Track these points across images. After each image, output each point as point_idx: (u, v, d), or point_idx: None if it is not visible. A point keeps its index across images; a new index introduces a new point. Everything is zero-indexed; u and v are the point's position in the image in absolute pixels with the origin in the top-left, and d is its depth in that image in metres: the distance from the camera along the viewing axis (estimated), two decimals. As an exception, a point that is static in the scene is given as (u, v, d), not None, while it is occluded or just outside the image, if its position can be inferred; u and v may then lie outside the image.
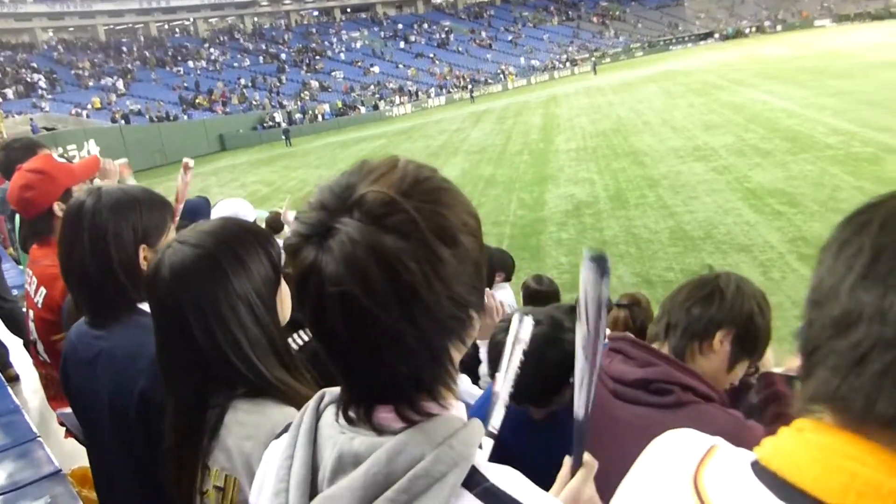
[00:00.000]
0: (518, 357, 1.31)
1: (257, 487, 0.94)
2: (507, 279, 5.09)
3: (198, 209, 4.50)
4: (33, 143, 3.46)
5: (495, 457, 1.14)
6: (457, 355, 0.82)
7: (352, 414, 0.81)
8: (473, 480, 0.76)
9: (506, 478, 0.79)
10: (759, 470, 0.68)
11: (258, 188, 23.17)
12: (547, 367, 1.77)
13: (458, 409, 0.83)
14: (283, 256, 1.45)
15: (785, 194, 12.17)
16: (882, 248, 0.61)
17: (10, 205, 2.57)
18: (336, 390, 0.87)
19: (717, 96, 26.90)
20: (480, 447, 0.82)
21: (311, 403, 0.90)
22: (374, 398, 0.80)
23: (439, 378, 0.80)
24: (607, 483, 1.34)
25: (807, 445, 0.64)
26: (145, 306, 1.72)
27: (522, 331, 1.23)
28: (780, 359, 3.32)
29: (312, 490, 0.81)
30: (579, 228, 12.33)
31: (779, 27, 70.54)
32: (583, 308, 1.01)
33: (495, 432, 1.27)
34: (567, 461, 1.14)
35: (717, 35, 71.08)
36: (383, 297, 0.71)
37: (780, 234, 10.22)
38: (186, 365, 1.32)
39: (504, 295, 4.84)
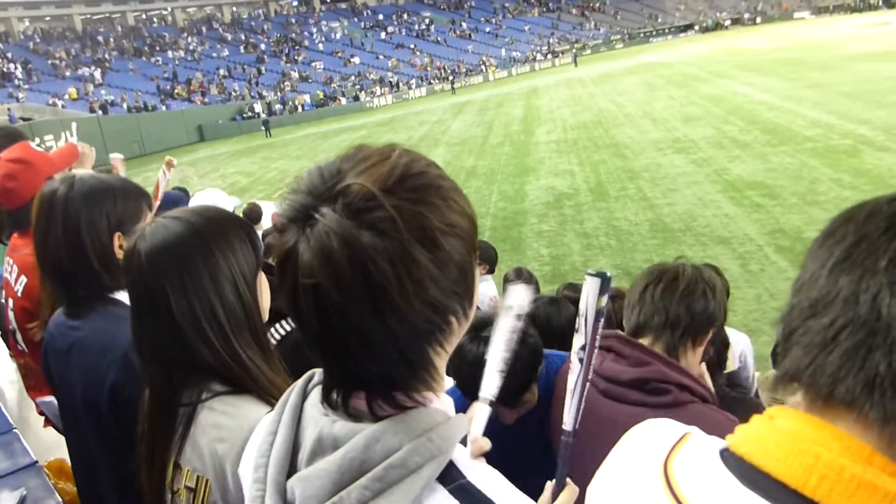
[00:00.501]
0: (510, 322, 1.28)
1: (245, 457, 0.95)
2: (491, 271, 5.07)
3: (178, 201, 4.45)
4: (14, 131, 3.42)
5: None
6: (438, 359, 0.80)
7: (334, 398, 0.81)
8: (449, 476, 0.76)
9: (483, 476, 0.79)
10: (728, 456, 0.69)
11: (238, 179, 22.95)
12: (520, 365, 1.74)
13: (442, 404, 0.82)
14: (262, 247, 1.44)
15: (764, 186, 12.26)
16: (864, 235, 0.63)
17: None
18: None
19: (697, 88, 27.06)
20: (464, 444, 0.83)
21: (300, 382, 0.90)
22: (346, 385, 0.79)
23: (412, 380, 0.78)
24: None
25: (775, 431, 0.65)
26: (121, 296, 1.73)
27: (514, 297, 1.20)
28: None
29: (291, 468, 0.82)
30: (560, 220, 12.34)
31: (758, 19, 71.15)
32: (582, 319, 1.06)
33: (492, 399, 1.24)
34: (549, 485, 1.13)
35: (696, 27, 71.52)
36: (353, 295, 0.70)
37: (759, 227, 10.29)
38: (162, 343, 1.29)
39: (486, 288, 4.83)
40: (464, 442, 0.83)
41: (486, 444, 1.12)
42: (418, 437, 0.75)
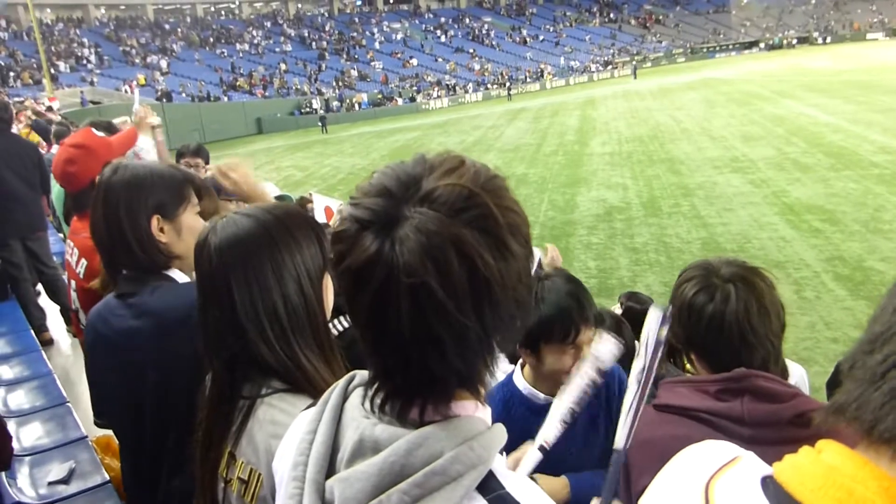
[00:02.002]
0: (587, 375, 1.31)
1: (281, 452, 0.96)
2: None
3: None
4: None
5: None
6: (496, 357, 0.82)
7: (379, 401, 0.81)
8: (489, 486, 0.77)
9: (522, 489, 0.79)
10: (770, 483, 0.68)
11: (292, 173, 23.37)
12: None
13: (484, 412, 0.83)
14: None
15: (824, 211, 11.90)
16: None
17: (56, 179, 2.64)
18: (366, 373, 0.88)
19: (758, 107, 26.41)
20: (502, 453, 0.83)
21: (342, 383, 0.91)
22: (409, 393, 0.79)
23: (483, 377, 0.80)
24: None
25: (817, 462, 0.65)
26: (171, 273, 1.78)
27: (602, 350, 1.24)
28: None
29: (330, 469, 0.83)
30: (609, 233, 12.20)
31: (828, 38, 68.98)
32: (643, 347, 1.12)
33: (547, 447, 1.26)
34: (595, 501, 1.15)
35: (762, 44, 69.76)
36: (459, 291, 0.71)
37: (817, 252, 9.98)
38: (224, 337, 1.32)
39: None
40: (502, 451, 0.83)
41: None
42: (460, 445, 0.75)
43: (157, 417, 1.69)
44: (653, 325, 1.11)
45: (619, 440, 1.13)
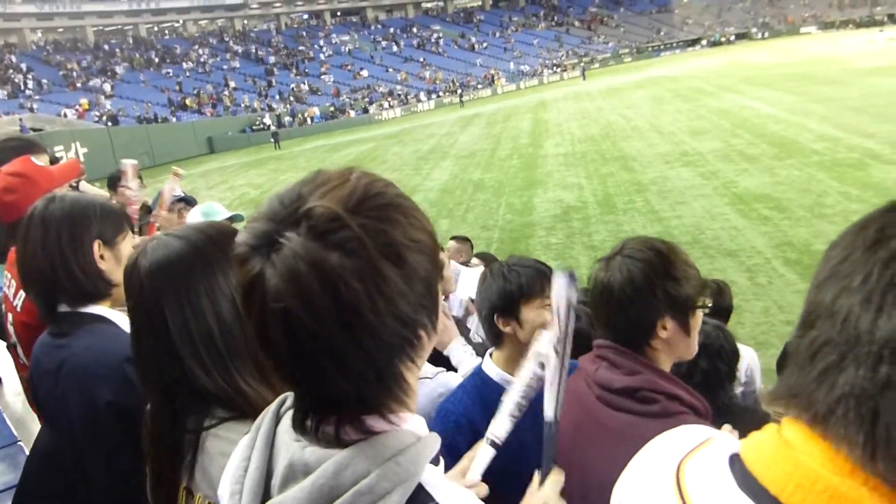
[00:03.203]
0: (531, 370, 1.30)
1: (222, 482, 0.94)
2: (466, 263, 5.07)
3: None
4: (24, 144, 3.38)
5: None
6: (409, 375, 0.81)
7: (305, 423, 0.81)
8: (418, 499, 0.77)
9: (453, 497, 0.79)
10: (735, 460, 0.70)
11: (246, 191, 23.07)
12: None
13: (412, 424, 0.82)
14: None
15: (772, 199, 12.26)
16: (851, 251, 0.62)
17: None
18: None
19: (704, 102, 27.09)
20: (437, 463, 0.83)
21: (273, 407, 0.90)
22: (321, 410, 0.79)
23: (385, 397, 0.79)
24: (586, 486, 1.34)
25: (774, 438, 0.67)
26: (103, 311, 1.75)
27: (543, 343, 1.23)
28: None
29: (266, 494, 0.82)
30: (568, 233, 12.36)
31: (766, 34, 71.22)
32: (555, 313, 1.13)
33: (499, 443, 1.26)
34: (537, 474, 1.17)
35: (704, 41, 71.62)
36: (325, 316, 0.70)
37: (767, 239, 10.28)
38: (160, 365, 1.28)
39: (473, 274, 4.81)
40: (435, 460, 0.83)
41: (483, 490, 1.14)
42: (386, 462, 0.75)
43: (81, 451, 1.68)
44: (561, 291, 1.10)
45: (549, 412, 1.15)
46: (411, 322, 0.76)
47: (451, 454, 1.46)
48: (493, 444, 1.25)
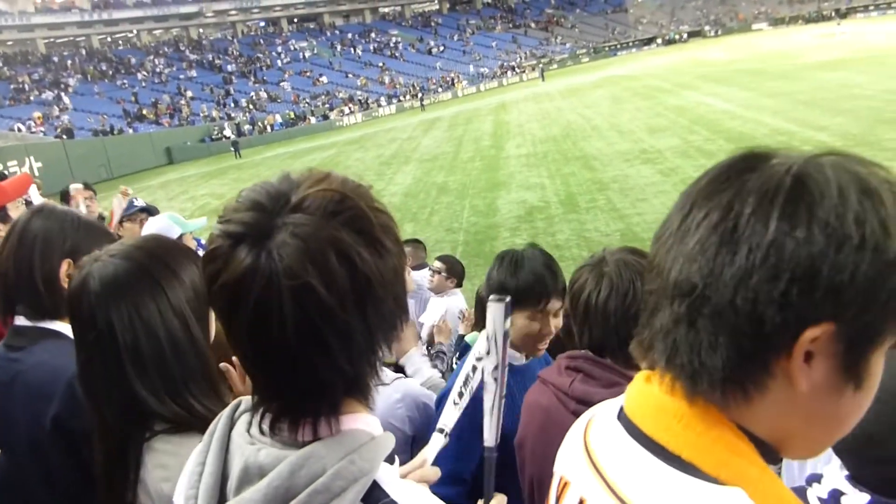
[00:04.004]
0: (470, 361, 1.33)
1: (178, 487, 0.94)
2: (459, 285, 5.11)
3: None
4: None
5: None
6: (380, 360, 0.83)
7: (262, 425, 0.82)
8: (373, 496, 0.78)
9: (408, 494, 0.81)
10: (621, 411, 0.78)
11: (208, 201, 22.73)
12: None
13: (367, 424, 0.83)
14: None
15: (730, 194, 12.51)
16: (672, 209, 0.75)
17: None
18: (250, 399, 0.87)
19: (661, 99, 27.54)
20: (391, 461, 0.84)
21: (227, 412, 0.91)
22: (297, 410, 0.80)
23: (369, 380, 0.81)
24: None
25: (637, 380, 0.78)
26: (60, 327, 1.72)
27: (479, 346, 1.25)
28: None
29: (221, 498, 0.83)
30: (532, 233, 12.44)
31: (718, 31, 72.79)
32: (492, 341, 1.14)
33: (447, 430, 1.28)
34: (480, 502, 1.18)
35: (659, 40, 72.92)
36: (341, 289, 0.72)
37: (727, 234, 10.49)
38: (109, 386, 1.26)
39: (456, 301, 4.86)
40: (390, 459, 0.84)
41: (434, 474, 1.15)
42: (341, 460, 0.76)
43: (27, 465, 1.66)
44: (498, 319, 1.12)
45: (489, 438, 1.17)
46: (401, 304, 0.81)
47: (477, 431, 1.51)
48: (441, 431, 1.28)
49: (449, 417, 1.29)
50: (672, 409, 0.69)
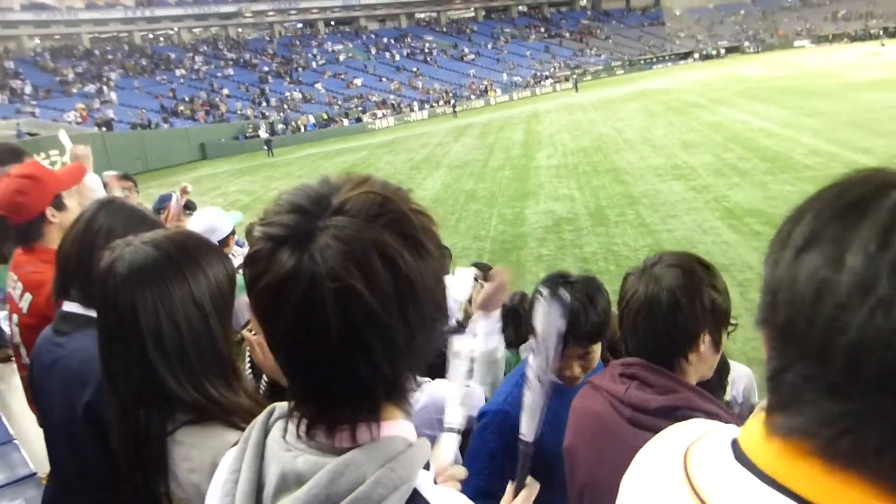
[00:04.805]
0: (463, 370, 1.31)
1: (210, 493, 0.94)
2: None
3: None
4: (16, 148, 3.56)
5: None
6: (421, 363, 0.83)
7: (299, 432, 0.81)
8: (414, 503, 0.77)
9: (448, 501, 0.81)
10: (734, 443, 0.72)
11: (239, 197, 23.01)
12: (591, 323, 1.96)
13: (403, 430, 0.83)
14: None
15: (764, 214, 12.30)
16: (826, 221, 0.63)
17: None
18: (286, 405, 0.87)
19: (696, 115, 27.26)
20: (427, 468, 0.83)
21: (261, 418, 0.90)
22: (335, 414, 0.79)
23: (408, 385, 0.81)
24: None
25: (759, 419, 0.69)
26: None
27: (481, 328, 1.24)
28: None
29: None
30: (559, 244, 12.36)
31: (758, 47, 71.83)
32: (542, 341, 1.12)
33: (458, 428, 1.29)
34: (510, 487, 1.20)
35: (696, 55, 72.20)
36: (385, 291, 0.72)
37: (759, 255, 10.22)
38: (129, 367, 1.30)
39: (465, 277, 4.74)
40: (427, 466, 0.83)
41: (461, 472, 1.15)
42: (381, 468, 0.75)
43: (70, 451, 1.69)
44: (554, 318, 1.10)
45: (528, 432, 1.16)
46: (440, 307, 0.80)
47: (513, 450, 1.49)
48: (451, 430, 1.27)
49: (455, 415, 1.28)
50: (818, 470, 0.59)
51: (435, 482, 0.88)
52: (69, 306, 1.77)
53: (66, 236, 1.83)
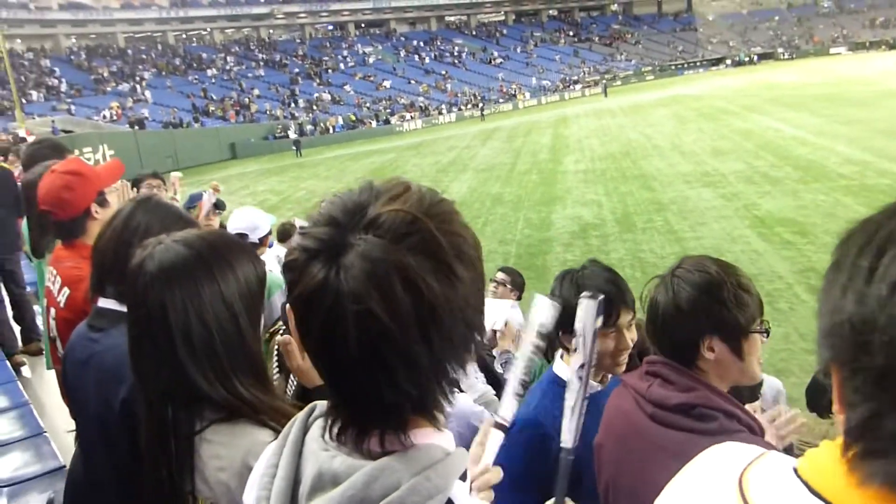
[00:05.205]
0: (532, 343, 1.27)
1: (248, 486, 0.95)
2: (519, 298, 5.00)
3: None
4: (58, 144, 3.66)
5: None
6: (454, 381, 0.81)
7: (337, 433, 0.82)
8: None
9: None
10: (796, 472, 0.69)
11: (267, 197, 23.24)
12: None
13: (442, 439, 0.82)
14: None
15: (795, 223, 12.09)
16: (840, 258, 0.64)
17: (42, 205, 2.60)
18: (327, 404, 0.87)
19: (727, 122, 26.91)
20: (464, 479, 0.82)
21: (301, 415, 0.91)
22: (365, 422, 0.79)
23: (439, 402, 0.80)
24: None
25: (831, 450, 0.65)
26: None
27: (540, 314, 1.19)
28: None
29: (293, 502, 0.83)
30: (585, 250, 12.28)
31: (793, 54, 70.65)
32: (580, 339, 1.13)
33: (506, 425, 1.24)
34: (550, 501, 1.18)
35: (728, 61, 71.28)
36: (405, 316, 0.71)
37: (789, 264, 10.13)
38: (158, 364, 1.31)
39: (516, 315, 4.77)
40: (463, 477, 0.82)
41: (497, 476, 1.12)
42: (417, 475, 0.75)
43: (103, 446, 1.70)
44: (589, 317, 1.10)
45: (567, 439, 1.14)
46: (473, 325, 0.78)
47: (544, 461, 1.48)
48: (501, 427, 1.24)
49: (508, 411, 1.25)
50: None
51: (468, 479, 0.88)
52: (105, 302, 1.79)
53: (102, 233, 1.85)
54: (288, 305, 0.80)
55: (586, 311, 1.11)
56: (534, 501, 1.75)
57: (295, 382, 1.71)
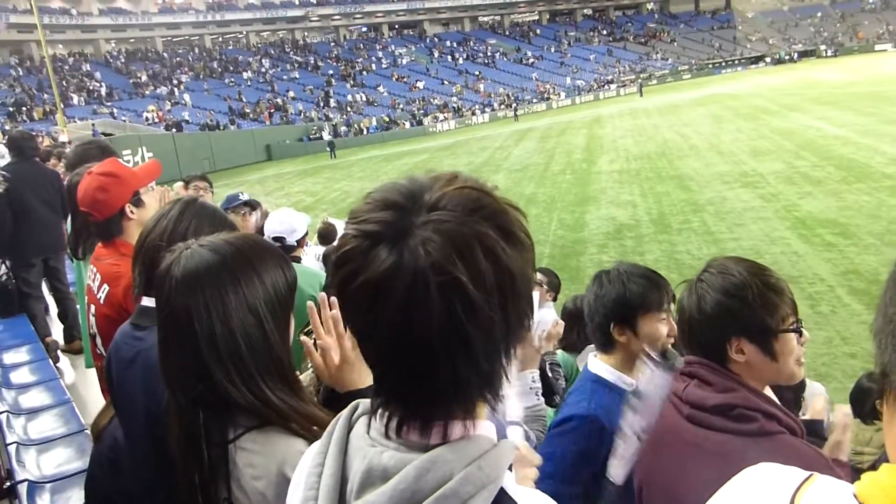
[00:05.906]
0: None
1: (292, 487, 0.95)
2: (555, 299, 4.99)
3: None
4: (106, 146, 3.78)
5: None
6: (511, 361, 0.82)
7: (384, 427, 0.81)
8: (501, 503, 0.77)
9: (534, 501, 0.80)
10: (855, 497, 0.68)
11: (302, 198, 23.51)
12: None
13: (487, 430, 0.82)
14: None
15: (837, 225, 11.80)
16: None
17: (81, 206, 2.68)
18: (369, 402, 0.87)
19: (766, 121, 26.38)
20: (510, 469, 0.82)
21: (345, 413, 0.91)
22: (422, 412, 0.79)
23: (501, 381, 0.80)
24: None
25: (888, 473, 0.65)
26: None
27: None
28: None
29: (341, 501, 0.82)
30: (620, 251, 12.15)
31: (836, 51, 68.92)
32: (645, 400, 1.20)
33: (522, 423, 1.30)
34: None
35: (767, 59, 69.87)
36: (488, 285, 0.72)
37: (831, 267, 9.88)
38: (183, 366, 1.31)
39: (550, 314, 4.75)
40: (510, 467, 0.82)
41: (537, 458, 1.16)
42: (469, 465, 0.75)
43: (143, 449, 1.71)
44: (661, 385, 1.11)
45: (617, 477, 1.17)
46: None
47: (593, 460, 1.53)
48: (519, 424, 1.30)
49: (516, 410, 1.29)
50: None
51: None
52: (148, 301, 1.80)
53: (149, 232, 1.86)
54: (325, 297, 0.80)
55: (658, 380, 1.15)
56: (578, 494, 1.77)
57: (324, 388, 1.70)
